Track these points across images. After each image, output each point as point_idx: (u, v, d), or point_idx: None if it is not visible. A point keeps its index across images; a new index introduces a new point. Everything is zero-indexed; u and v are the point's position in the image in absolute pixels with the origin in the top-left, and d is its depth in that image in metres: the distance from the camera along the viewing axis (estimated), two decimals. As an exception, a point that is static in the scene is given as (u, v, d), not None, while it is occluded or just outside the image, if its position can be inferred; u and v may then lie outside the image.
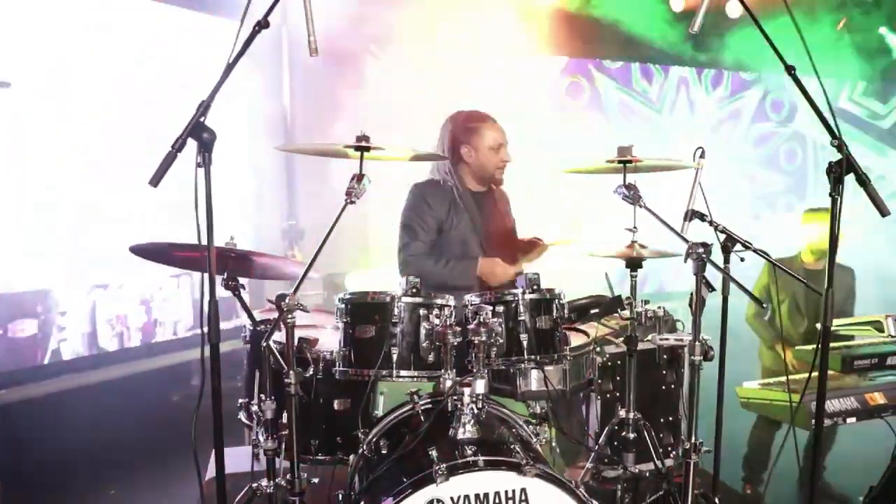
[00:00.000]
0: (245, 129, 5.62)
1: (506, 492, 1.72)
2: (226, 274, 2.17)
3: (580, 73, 6.77)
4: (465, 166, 2.94)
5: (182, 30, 5.07)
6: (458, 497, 1.71)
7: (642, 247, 2.54)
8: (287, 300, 1.72)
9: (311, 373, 2.12)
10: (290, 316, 1.74)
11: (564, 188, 5.79)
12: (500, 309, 2.03)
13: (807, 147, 7.64)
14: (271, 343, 1.94)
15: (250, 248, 2.30)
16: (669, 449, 2.78)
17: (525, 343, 2.02)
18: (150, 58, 4.79)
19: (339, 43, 5.77)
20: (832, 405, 3.37)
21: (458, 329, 1.93)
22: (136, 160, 4.35)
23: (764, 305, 2.18)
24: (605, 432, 2.70)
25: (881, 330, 3.46)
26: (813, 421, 3.28)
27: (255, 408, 2.46)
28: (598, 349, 2.60)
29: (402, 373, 1.98)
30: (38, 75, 4.16)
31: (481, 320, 1.92)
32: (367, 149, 1.96)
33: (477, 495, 1.71)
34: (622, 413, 2.68)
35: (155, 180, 1.58)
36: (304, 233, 5.74)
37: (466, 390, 1.84)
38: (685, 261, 2.04)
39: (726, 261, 2.32)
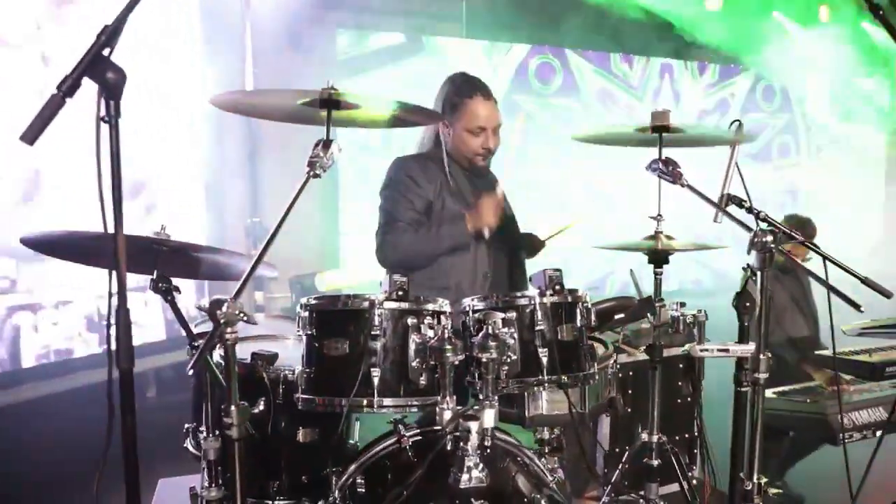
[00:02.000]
0: (205, 119, 5.14)
1: (531, 565, 1.27)
2: (155, 273, 1.68)
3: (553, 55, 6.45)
4: (448, 147, 2.47)
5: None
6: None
7: (670, 238, 2.13)
8: (225, 308, 1.21)
9: (260, 408, 1.63)
10: (229, 330, 1.23)
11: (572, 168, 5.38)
12: (512, 316, 1.56)
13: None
14: (213, 363, 1.46)
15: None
16: (687, 471, 2.41)
17: (545, 360, 1.56)
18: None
19: (304, 29, 5.42)
20: (860, 416, 3.08)
21: (459, 344, 1.46)
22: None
23: (862, 309, 1.75)
24: (625, 457, 2.29)
25: (912, 333, 3.12)
26: (841, 436, 2.97)
27: (202, 434, 2.00)
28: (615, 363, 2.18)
29: (386, 402, 1.51)
30: None
31: (490, 332, 1.45)
32: (337, 105, 1.49)
33: (492, 572, 1.25)
34: (644, 436, 2.27)
35: (30, 135, 1.09)
36: (269, 231, 5.32)
37: (473, 425, 1.37)
38: (748, 252, 1.61)
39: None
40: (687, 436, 2.82)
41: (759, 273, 1.61)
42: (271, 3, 5.20)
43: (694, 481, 2.52)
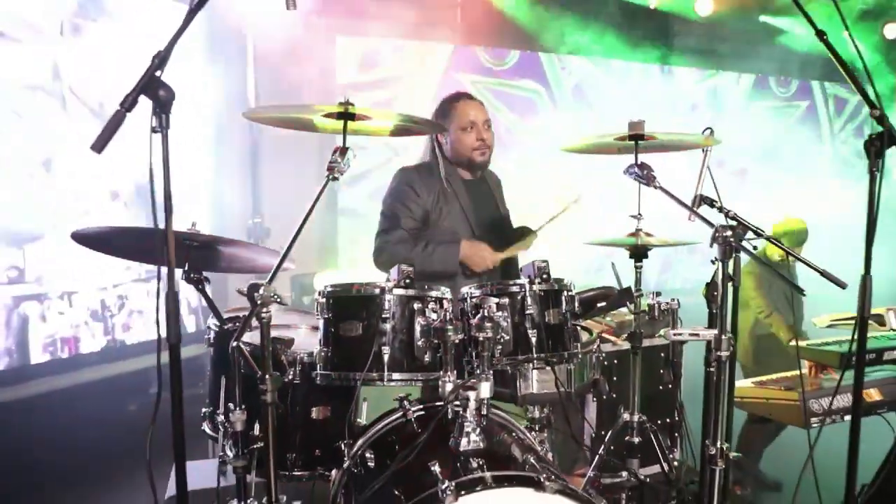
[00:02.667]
0: (208, 124, 5.32)
1: (522, 511, 1.48)
2: (187, 265, 1.89)
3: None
4: (448, 154, 2.69)
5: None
6: (468, 520, 1.46)
7: (648, 235, 2.35)
8: (262, 291, 1.43)
9: (289, 377, 1.84)
10: (265, 310, 1.45)
11: (561, 170, 5.58)
12: (505, 301, 1.78)
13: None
14: (241, 344, 1.66)
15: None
16: (668, 453, 2.63)
17: (534, 340, 1.78)
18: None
19: (304, 37, 5.60)
20: (827, 403, 3.27)
21: (459, 324, 1.68)
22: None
23: (805, 294, 1.98)
24: (608, 436, 2.51)
25: (882, 324, 3.34)
26: (814, 420, 3.18)
27: (220, 418, 2.19)
28: (598, 348, 2.39)
29: (395, 376, 1.72)
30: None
31: (485, 314, 1.66)
32: (352, 116, 1.70)
33: (489, 517, 1.46)
34: (626, 416, 2.49)
35: (99, 145, 1.30)
36: (269, 231, 5.50)
37: (472, 394, 1.58)
38: (711, 245, 1.83)
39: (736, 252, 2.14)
40: (668, 420, 3.04)
41: (721, 263, 1.82)
42: (272, 11, 5.37)
43: (675, 462, 2.75)
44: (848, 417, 3.14)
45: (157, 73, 1.38)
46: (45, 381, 4.23)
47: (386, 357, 1.71)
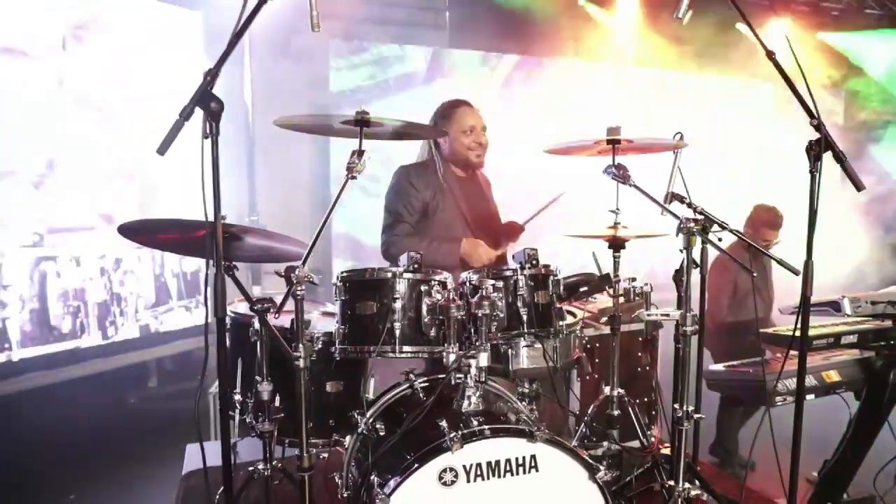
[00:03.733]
0: (203, 121, 5.50)
1: (516, 458, 1.75)
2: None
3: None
4: (446, 153, 2.97)
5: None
6: (471, 465, 1.73)
7: (625, 227, 2.63)
8: (297, 272, 1.70)
9: (319, 345, 2.09)
10: (300, 288, 1.73)
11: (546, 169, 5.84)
12: (500, 284, 2.05)
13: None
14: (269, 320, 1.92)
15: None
16: (646, 429, 2.90)
17: (525, 317, 2.05)
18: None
19: (300, 38, 5.80)
20: (792, 384, 3.54)
21: (461, 303, 1.95)
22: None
23: (754, 274, 2.26)
24: (590, 409, 2.78)
25: (838, 310, 3.64)
26: (778, 399, 3.47)
27: (238, 397, 2.43)
28: (581, 331, 2.66)
29: (405, 348, 1.99)
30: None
31: (483, 294, 1.94)
32: (367, 123, 1.96)
33: (489, 462, 1.73)
34: (607, 390, 2.76)
35: (163, 148, 1.55)
36: (266, 229, 5.65)
37: (472, 363, 1.86)
38: (676, 235, 2.12)
39: (703, 242, 2.42)
40: (647, 399, 3.31)
41: (684, 251, 2.11)
42: (268, 14, 5.56)
43: (653, 438, 3.02)
44: (811, 397, 3.44)
45: (209, 88, 1.63)
46: (43, 375, 4.48)
47: (397, 332, 1.98)
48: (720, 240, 2.46)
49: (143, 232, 2.02)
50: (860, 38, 7.55)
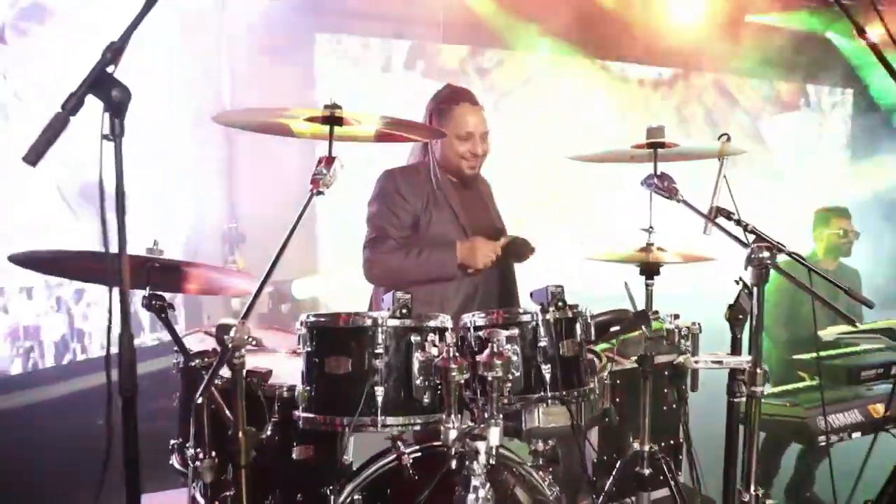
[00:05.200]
0: (179, 122, 5.06)
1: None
2: (148, 290, 1.65)
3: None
4: (437, 157, 2.47)
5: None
6: None
7: (661, 250, 2.16)
8: (233, 333, 1.19)
9: (268, 432, 1.60)
10: (237, 355, 1.21)
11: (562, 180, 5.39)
12: (515, 332, 1.56)
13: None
14: (212, 384, 1.43)
15: (184, 254, 1.80)
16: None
17: (548, 376, 1.56)
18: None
19: (283, 34, 5.39)
20: (837, 419, 3.13)
21: (465, 363, 1.46)
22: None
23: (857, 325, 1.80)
24: (617, 467, 2.32)
25: (893, 338, 3.21)
26: (821, 439, 3.02)
27: (190, 451, 1.96)
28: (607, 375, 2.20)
29: (389, 420, 1.50)
30: None
31: (495, 350, 1.45)
32: (339, 121, 1.47)
33: None
34: (636, 445, 2.30)
35: (33, 156, 1.05)
36: (245, 236, 5.25)
37: (480, 445, 1.37)
38: (745, 268, 1.64)
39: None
40: (672, 441, 2.87)
41: (755, 289, 1.63)
42: (248, 9, 5.15)
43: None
44: (856, 434, 3.02)
45: (110, 69, 1.14)
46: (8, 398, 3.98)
47: (379, 399, 1.48)
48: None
49: (36, 265, 1.52)
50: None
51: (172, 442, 2.13)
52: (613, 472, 2.30)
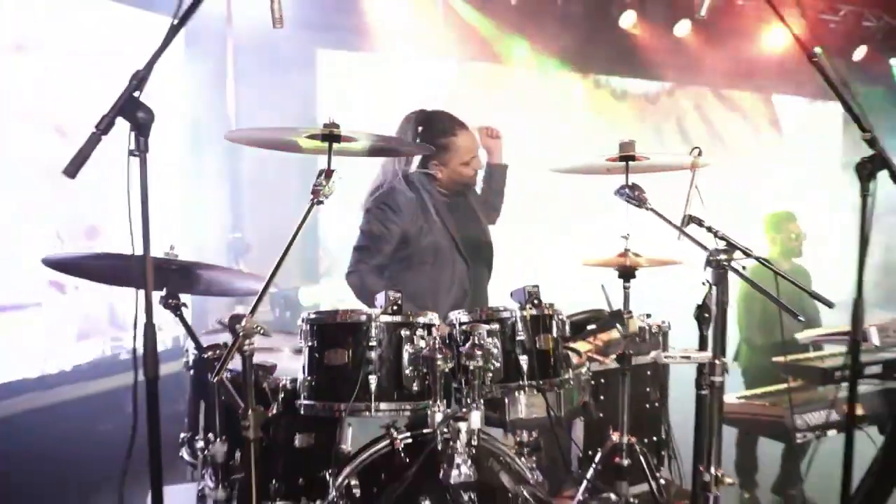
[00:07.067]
0: (184, 135, 5.22)
1: (516, 550, 1.43)
2: (165, 290, 1.82)
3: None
4: (443, 181, 2.61)
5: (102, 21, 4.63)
6: (460, 559, 1.40)
7: (637, 255, 2.32)
8: (244, 323, 1.37)
9: (274, 411, 1.77)
10: (247, 342, 1.39)
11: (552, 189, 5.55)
12: (495, 327, 1.73)
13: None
14: (223, 374, 1.60)
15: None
16: (656, 472, 2.60)
17: (524, 367, 1.73)
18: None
19: (286, 45, 5.56)
20: (812, 418, 3.26)
21: (450, 353, 1.63)
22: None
23: (800, 318, 1.96)
24: (597, 458, 2.47)
25: (864, 340, 3.36)
26: (798, 436, 3.18)
27: (199, 444, 2.13)
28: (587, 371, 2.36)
29: (382, 405, 1.66)
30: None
31: (476, 342, 1.62)
32: (337, 138, 1.65)
33: (482, 556, 1.41)
34: (615, 437, 2.45)
35: (72, 169, 1.23)
36: (250, 246, 5.38)
37: (462, 426, 1.53)
38: (704, 269, 1.81)
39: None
40: (655, 438, 3.01)
41: (714, 287, 1.80)
42: (253, 23, 5.31)
43: (662, 481, 2.72)
44: (832, 432, 3.16)
45: (136, 94, 1.32)
46: (15, 402, 4.12)
47: (373, 386, 1.65)
48: (744, 268, 2.17)
49: (69, 268, 1.70)
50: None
51: (182, 435, 2.29)
52: (593, 463, 2.46)
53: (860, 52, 6.70)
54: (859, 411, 3.12)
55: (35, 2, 4.09)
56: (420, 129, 2.54)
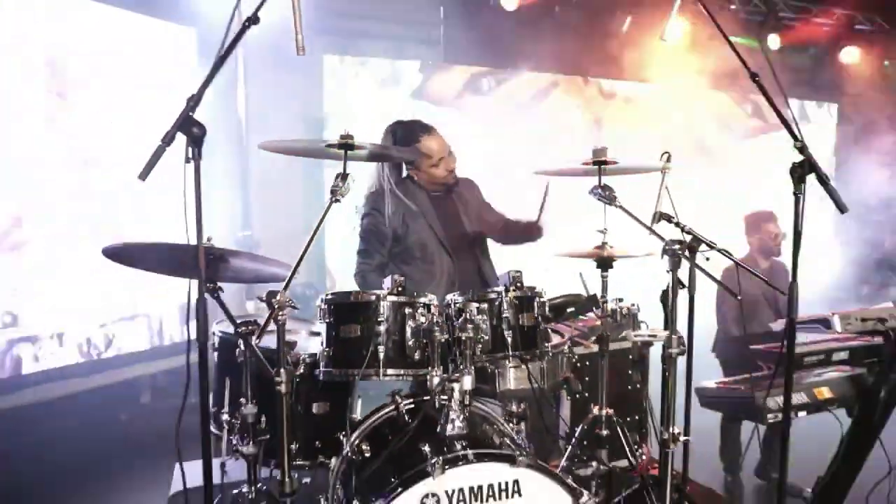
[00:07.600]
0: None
1: (499, 483, 1.74)
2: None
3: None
4: (423, 181, 2.95)
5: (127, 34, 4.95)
6: (453, 490, 1.72)
7: (612, 247, 2.63)
8: (279, 297, 1.70)
9: (300, 370, 2.09)
10: (281, 313, 1.73)
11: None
12: (484, 306, 2.05)
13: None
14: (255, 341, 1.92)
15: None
16: (636, 447, 2.89)
17: (509, 340, 2.05)
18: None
19: (293, 54, 5.80)
20: (783, 400, 3.52)
21: (445, 326, 1.94)
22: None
23: (738, 297, 2.27)
24: (579, 429, 2.76)
25: (829, 327, 3.64)
26: (769, 416, 3.46)
27: (225, 416, 2.42)
28: (570, 350, 2.65)
29: (389, 371, 1.98)
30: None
31: (467, 317, 1.93)
32: (352, 147, 1.97)
33: (471, 488, 1.72)
34: (595, 410, 2.75)
35: (144, 174, 1.55)
36: (259, 244, 5.63)
37: (456, 386, 1.85)
38: (661, 257, 2.12)
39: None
40: (637, 417, 3.30)
41: (670, 273, 2.11)
42: (263, 30, 5.57)
43: (643, 456, 3.01)
44: (802, 414, 3.43)
45: (191, 114, 1.63)
46: (34, 392, 4.38)
47: (381, 355, 1.97)
48: (708, 259, 2.46)
49: (124, 255, 2.02)
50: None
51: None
52: (576, 434, 2.76)
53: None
54: (828, 394, 3.41)
55: (35, 2, 4.34)
56: (392, 138, 2.87)
